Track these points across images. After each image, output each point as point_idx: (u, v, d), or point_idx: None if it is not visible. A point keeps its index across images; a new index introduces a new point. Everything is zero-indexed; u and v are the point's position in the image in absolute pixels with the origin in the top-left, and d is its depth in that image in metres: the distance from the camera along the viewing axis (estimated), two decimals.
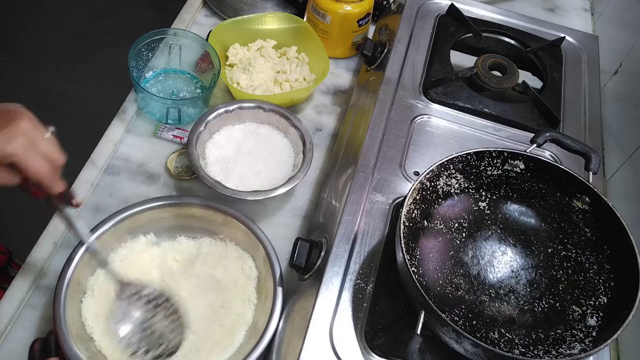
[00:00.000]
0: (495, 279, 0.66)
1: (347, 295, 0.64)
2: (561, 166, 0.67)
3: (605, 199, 0.63)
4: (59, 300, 0.64)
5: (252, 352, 0.64)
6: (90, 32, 2.25)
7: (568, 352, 0.58)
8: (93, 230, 0.69)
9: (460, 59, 0.96)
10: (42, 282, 0.73)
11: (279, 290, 0.69)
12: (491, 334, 0.62)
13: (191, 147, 0.79)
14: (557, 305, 0.64)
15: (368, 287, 0.65)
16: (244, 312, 0.71)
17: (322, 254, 0.68)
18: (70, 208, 0.62)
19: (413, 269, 0.59)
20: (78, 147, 0.92)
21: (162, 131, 0.89)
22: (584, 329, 0.61)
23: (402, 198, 0.71)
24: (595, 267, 0.65)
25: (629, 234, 0.61)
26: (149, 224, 0.74)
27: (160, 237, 0.75)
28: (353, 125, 0.87)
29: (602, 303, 0.62)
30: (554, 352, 0.59)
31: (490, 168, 0.69)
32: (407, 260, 0.57)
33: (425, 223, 0.68)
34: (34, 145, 0.56)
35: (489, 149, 0.68)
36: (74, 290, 0.65)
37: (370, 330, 0.63)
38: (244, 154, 0.83)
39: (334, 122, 0.96)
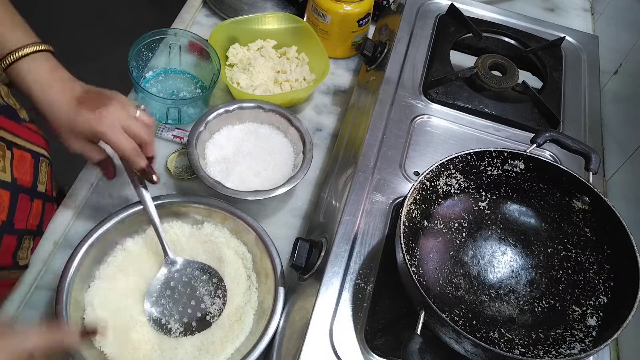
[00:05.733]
0: (495, 279, 0.66)
1: (347, 295, 0.64)
2: (561, 166, 0.67)
3: (605, 199, 0.63)
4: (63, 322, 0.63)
5: (264, 335, 0.66)
6: (91, 32, 2.25)
7: (568, 352, 0.58)
8: (95, 228, 0.70)
9: (460, 59, 0.95)
10: (42, 282, 0.73)
11: (280, 290, 0.69)
12: (491, 334, 0.62)
13: (191, 147, 0.79)
14: (557, 305, 0.64)
15: (368, 287, 0.65)
16: (249, 296, 0.72)
17: (322, 254, 0.68)
18: (149, 183, 0.69)
19: (413, 269, 0.59)
20: None
21: (162, 131, 0.89)
22: (584, 329, 0.61)
23: (402, 198, 0.71)
24: (595, 267, 0.65)
25: (629, 234, 0.61)
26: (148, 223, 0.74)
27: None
28: (353, 125, 0.87)
29: (602, 303, 0.62)
30: (554, 352, 0.59)
31: (490, 168, 0.69)
32: (407, 260, 0.57)
33: (425, 223, 0.68)
34: (121, 125, 0.64)
35: (489, 149, 0.68)
36: (73, 310, 0.65)
37: (370, 330, 0.63)
38: (244, 154, 0.83)
39: (334, 122, 0.96)
